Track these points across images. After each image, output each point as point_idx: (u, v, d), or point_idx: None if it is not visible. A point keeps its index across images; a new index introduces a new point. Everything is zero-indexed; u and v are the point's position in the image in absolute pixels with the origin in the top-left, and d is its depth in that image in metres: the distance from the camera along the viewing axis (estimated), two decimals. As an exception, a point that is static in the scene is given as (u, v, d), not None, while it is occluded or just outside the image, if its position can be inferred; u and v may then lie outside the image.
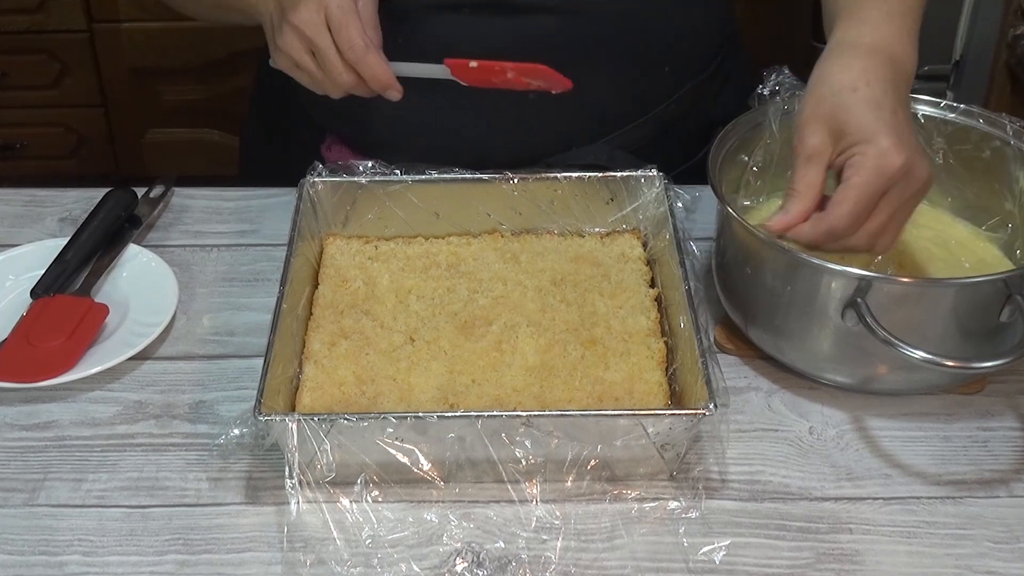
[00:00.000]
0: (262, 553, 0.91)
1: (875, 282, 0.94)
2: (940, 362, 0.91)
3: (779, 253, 0.98)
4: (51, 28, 2.47)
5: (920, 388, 1.03)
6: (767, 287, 1.01)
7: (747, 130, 1.11)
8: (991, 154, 1.09)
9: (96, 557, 0.91)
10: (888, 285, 0.95)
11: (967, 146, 1.11)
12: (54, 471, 0.98)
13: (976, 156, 1.10)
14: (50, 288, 1.12)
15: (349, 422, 0.89)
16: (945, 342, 0.96)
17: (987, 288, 0.95)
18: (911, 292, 0.96)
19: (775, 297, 1.00)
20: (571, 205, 1.15)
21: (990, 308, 0.96)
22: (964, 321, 0.97)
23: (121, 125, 2.63)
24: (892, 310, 0.94)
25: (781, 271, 0.99)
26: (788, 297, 0.99)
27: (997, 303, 0.95)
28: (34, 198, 1.29)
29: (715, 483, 0.96)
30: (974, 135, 1.10)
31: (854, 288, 0.94)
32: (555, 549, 0.90)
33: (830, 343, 0.99)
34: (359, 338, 1.04)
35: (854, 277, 0.94)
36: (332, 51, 1.05)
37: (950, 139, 1.11)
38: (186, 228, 1.25)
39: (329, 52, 1.05)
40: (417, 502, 0.94)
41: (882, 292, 0.94)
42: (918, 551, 0.91)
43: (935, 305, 0.96)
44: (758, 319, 1.04)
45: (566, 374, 1.00)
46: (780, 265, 0.99)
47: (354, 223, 1.15)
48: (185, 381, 1.06)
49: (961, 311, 0.96)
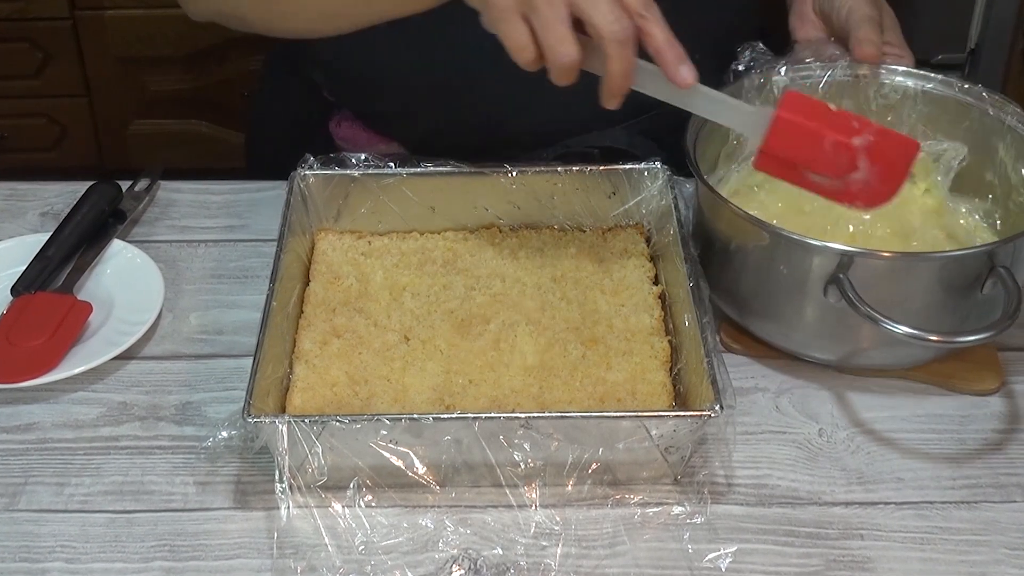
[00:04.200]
0: (251, 560, 0.91)
1: (857, 257, 0.95)
2: (924, 337, 0.92)
3: (761, 229, 0.99)
4: (33, 15, 2.47)
5: (905, 363, 1.04)
6: (750, 265, 1.03)
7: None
8: (970, 125, 1.10)
9: (79, 564, 0.91)
10: (871, 260, 0.96)
11: (947, 116, 1.11)
12: (35, 475, 0.98)
13: (955, 127, 1.11)
14: (31, 285, 1.12)
15: (341, 424, 0.89)
16: (929, 316, 0.97)
17: (971, 261, 0.97)
18: (894, 267, 0.97)
19: (759, 274, 1.02)
20: (571, 199, 1.15)
21: (973, 281, 0.97)
22: (947, 294, 0.98)
23: (105, 116, 2.62)
24: (876, 285, 0.95)
25: (764, 248, 1.01)
26: (770, 275, 1.01)
27: (980, 276, 0.96)
28: (15, 192, 1.29)
29: (721, 487, 0.96)
30: (952, 106, 1.11)
31: (836, 264, 0.95)
32: (555, 556, 0.90)
33: (815, 320, 1.00)
34: (352, 337, 1.04)
35: (836, 253, 0.95)
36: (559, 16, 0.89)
37: (929, 110, 1.12)
38: (172, 223, 1.25)
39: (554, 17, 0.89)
40: (412, 507, 0.94)
41: (865, 267, 0.95)
42: (931, 558, 0.91)
43: (918, 279, 0.98)
44: (740, 297, 1.06)
45: (566, 374, 1.00)
46: (763, 242, 1.00)
47: (346, 218, 1.15)
48: (171, 381, 1.06)
49: (944, 285, 0.97)
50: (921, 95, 1.12)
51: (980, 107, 1.10)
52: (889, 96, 1.12)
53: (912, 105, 1.12)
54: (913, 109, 1.12)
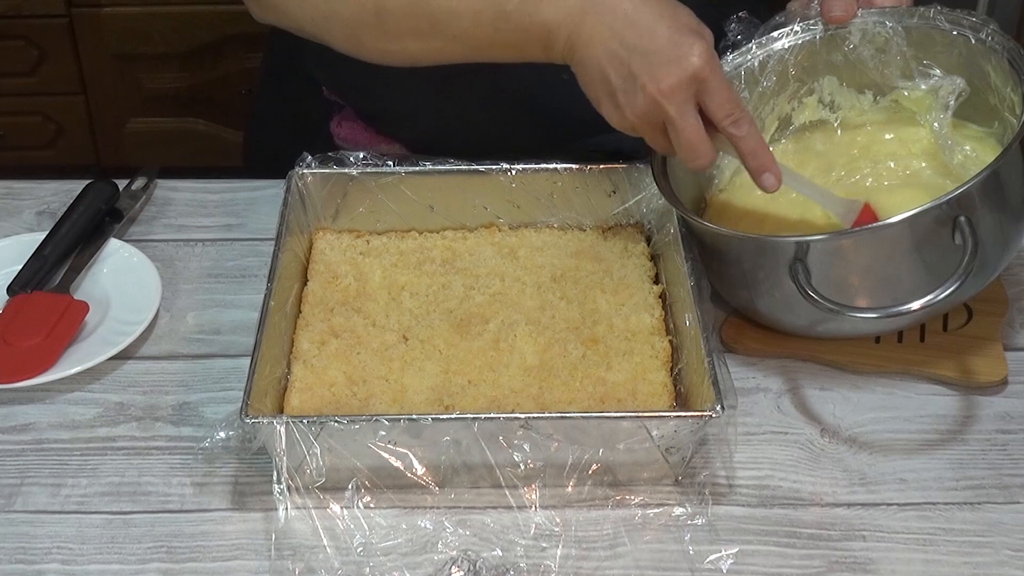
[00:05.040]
0: (249, 561, 0.91)
1: (811, 245, 0.96)
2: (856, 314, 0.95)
3: (718, 235, 1.02)
4: (28, 13, 2.47)
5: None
6: (729, 268, 1.04)
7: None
8: (960, 52, 1.08)
9: (75, 566, 0.91)
10: (823, 244, 0.97)
11: (936, 48, 1.10)
12: (31, 476, 0.98)
13: (947, 58, 1.09)
14: (27, 285, 1.12)
15: (340, 425, 0.89)
16: (914, 278, 0.96)
17: (925, 219, 0.94)
18: (850, 244, 0.98)
19: (741, 276, 1.04)
20: (571, 198, 1.15)
21: (936, 236, 0.95)
22: (914, 256, 0.96)
23: (102, 114, 2.62)
24: (844, 261, 0.96)
25: (733, 251, 1.03)
26: (750, 275, 1.02)
27: (940, 231, 0.95)
28: (11, 190, 1.29)
29: (722, 488, 0.96)
30: (939, 37, 1.09)
31: (792, 255, 0.96)
32: (555, 557, 0.90)
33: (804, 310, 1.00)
34: (350, 337, 1.03)
35: (791, 244, 0.97)
36: (694, 128, 0.98)
37: (917, 47, 1.10)
38: (169, 222, 1.25)
39: (690, 130, 0.98)
40: (411, 508, 0.94)
41: (823, 251, 0.96)
42: (934, 559, 0.91)
43: (877, 249, 0.97)
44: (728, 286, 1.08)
45: (566, 374, 1.00)
46: (730, 245, 1.03)
47: (345, 217, 1.15)
48: (168, 382, 1.06)
49: (904, 249, 0.96)
50: (905, 33, 1.10)
51: (964, 33, 1.08)
52: (876, 39, 1.10)
53: (899, 45, 1.10)
54: (900, 49, 1.10)
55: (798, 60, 1.13)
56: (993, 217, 0.96)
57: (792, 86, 1.14)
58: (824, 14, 1.10)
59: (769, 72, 1.13)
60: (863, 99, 1.14)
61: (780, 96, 1.14)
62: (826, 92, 1.15)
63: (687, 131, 0.98)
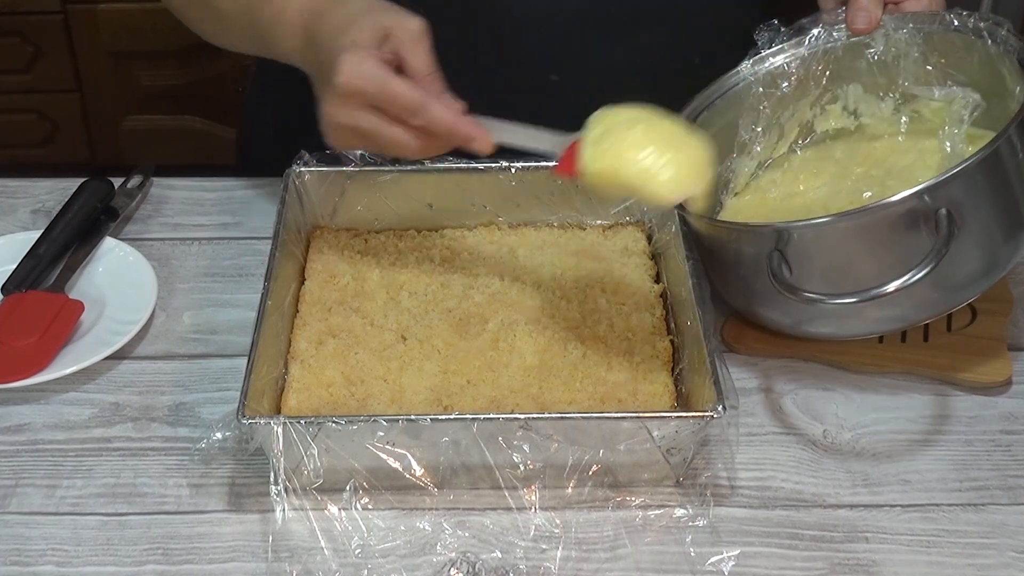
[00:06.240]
0: (246, 563, 0.91)
1: (792, 233, 0.96)
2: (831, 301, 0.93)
3: (707, 226, 1.02)
4: (23, 9, 2.47)
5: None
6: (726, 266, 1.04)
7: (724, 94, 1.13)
8: (979, 56, 1.07)
9: (71, 568, 0.91)
10: (800, 233, 0.96)
11: (956, 54, 1.09)
12: (26, 477, 0.98)
13: (967, 64, 1.08)
14: (22, 284, 1.12)
15: (337, 425, 0.89)
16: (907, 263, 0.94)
17: (901, 208, 0.93)
18: (819, 233, 0.97)
19: (736, 274, 1.03)
20: (572, 196, 1.14)
21: (913, 227, 0.94)
22: (891, 246, 0.95)
23: (97, 111, 2.62)
24: (827, 249, 0.96)
25: (730, 247, 1.02)
26: (743, 272, 1.02)
27: (916, 221, 0.94)
28: (5, 189, 1.29)
29: (724, 489, 0.96)
30: (958, 42, 1.08)
31: (772, 246, 0.96)
32: (555, 559, 0.90)
33: (782, 304, 1.00)
34: (348, 336, 1.03)
35: (772, 233, 0.97)
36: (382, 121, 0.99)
37: (939, 53, 1.09)
38: (166, 220, 1.25)
39: (380, 124, 0.99)
40: (409, 510, 0.94)
41: (802, 240, 0.96)
42: (938, 561, 0.91)
43: (855, 238, 0.96)
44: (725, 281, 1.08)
45: (566, 374, 1.00)
46: (725, 240, 1.02)
47: (342, 215, 1.15)
48: (164, 382, 1.06)
49: (880, 239, 0.96)
50: (925, 38, 1.09)
51: (981, 36, 1.07)
52: (898, 44, 1.10)
53: (920, 51, 1.10)
54: (921, 55, 1.10)
55: (822, 67, 1.13)
56: (993, 214, 0.96)
57: (814, 92, 1.14)
58: (848, 25, 1.10)
59: (791, 77, 1.13)
60: (884, 106, 1.13)
61: (801, 102, 1.14)
62: (851, 100, 1.14)
63: (381, 139, 0.99)
